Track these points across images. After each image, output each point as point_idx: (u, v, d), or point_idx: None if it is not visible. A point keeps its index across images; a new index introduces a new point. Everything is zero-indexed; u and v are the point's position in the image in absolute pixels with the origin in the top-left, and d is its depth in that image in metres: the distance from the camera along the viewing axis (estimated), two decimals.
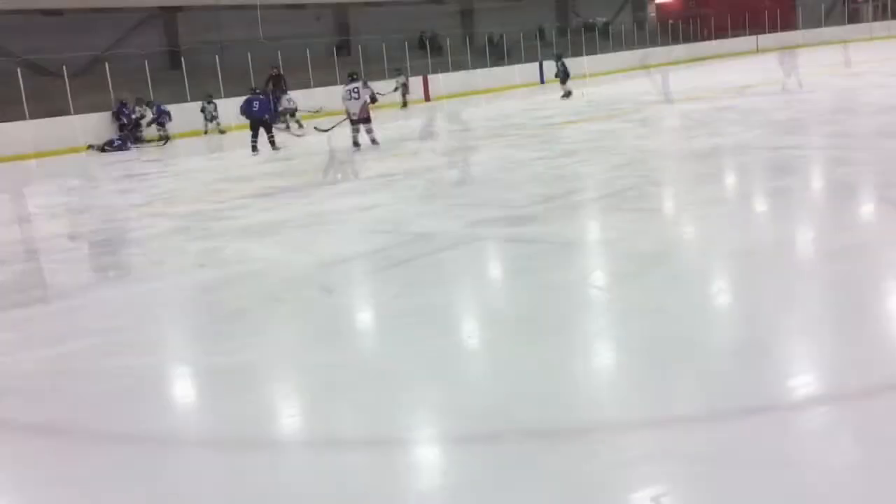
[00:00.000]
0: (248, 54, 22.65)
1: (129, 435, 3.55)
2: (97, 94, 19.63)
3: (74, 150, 18.74)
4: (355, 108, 13.72)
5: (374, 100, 14.29)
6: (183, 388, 4.22)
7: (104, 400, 3.95)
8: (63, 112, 19.48)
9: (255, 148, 14.61)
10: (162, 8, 24.60)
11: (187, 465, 3.30)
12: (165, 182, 12.29)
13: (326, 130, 14.97)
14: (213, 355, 4.51)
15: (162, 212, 9.33)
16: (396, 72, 24.88)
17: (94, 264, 6.88)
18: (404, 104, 24.21)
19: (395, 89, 24.04)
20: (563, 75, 21.92)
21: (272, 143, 14.89)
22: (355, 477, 3.01)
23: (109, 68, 20.16)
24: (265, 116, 14.75)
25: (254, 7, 23.67)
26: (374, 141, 13.74)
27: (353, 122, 13.81)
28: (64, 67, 19.52)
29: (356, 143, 13.70)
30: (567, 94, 21.54)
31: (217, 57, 22.11)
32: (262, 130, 14.72)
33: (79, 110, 19.24)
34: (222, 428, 3.58)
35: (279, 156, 14.40)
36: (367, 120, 13.77)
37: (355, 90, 13.77)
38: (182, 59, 22.21)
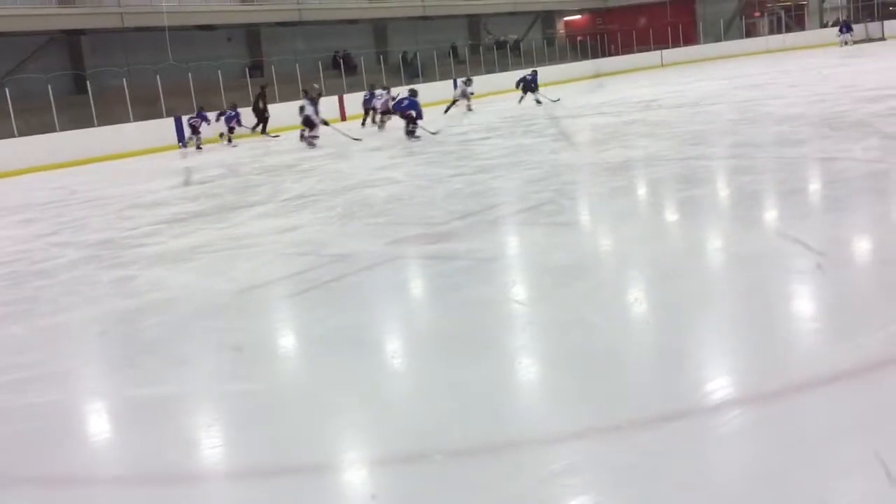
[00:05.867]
0: (158, 77, 22.16)
1: (42, 476, 3.39)
2: None
3: None
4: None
5: None
6: (97, 425, 4.05)
7: (14, 441, 3.77)
8: None
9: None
10: (65, 31, 23.83)
11: None
12: (71, 210, 11.86)
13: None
14: (128, 388, 4.36)
15: (69, 241, 9.01)
16: (233, 106, 21.21)
17: None
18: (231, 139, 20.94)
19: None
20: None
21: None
22: None
23: (10, 94, 19.42)
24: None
25: (162, 29, 23.14)
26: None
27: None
28: None
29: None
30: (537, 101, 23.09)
31: (125, 80, 21.56)
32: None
33: None
34: (141, 464, 3.45)
35: (192, 179, 14.09)
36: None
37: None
38: (88, 83, 21.56)
